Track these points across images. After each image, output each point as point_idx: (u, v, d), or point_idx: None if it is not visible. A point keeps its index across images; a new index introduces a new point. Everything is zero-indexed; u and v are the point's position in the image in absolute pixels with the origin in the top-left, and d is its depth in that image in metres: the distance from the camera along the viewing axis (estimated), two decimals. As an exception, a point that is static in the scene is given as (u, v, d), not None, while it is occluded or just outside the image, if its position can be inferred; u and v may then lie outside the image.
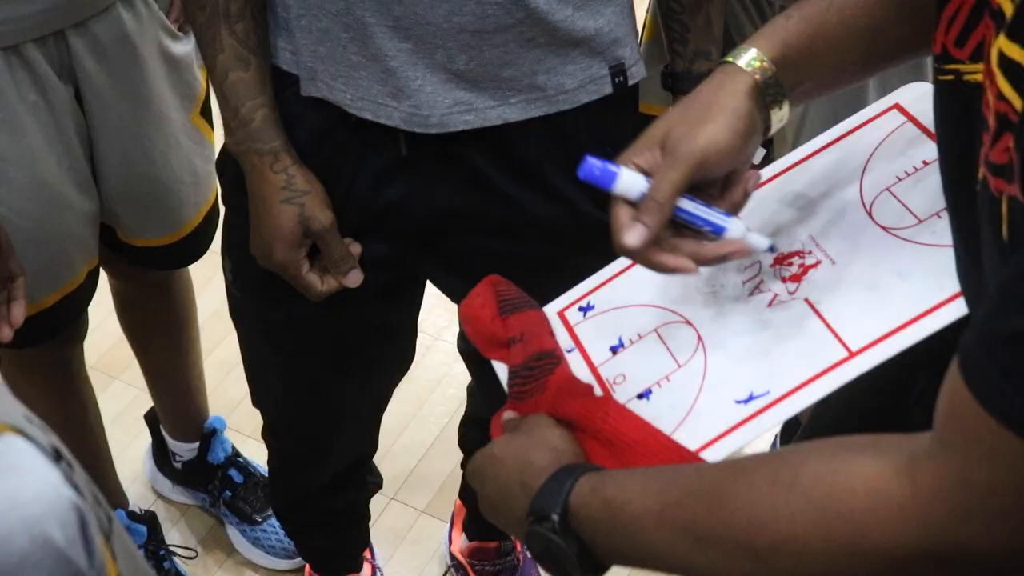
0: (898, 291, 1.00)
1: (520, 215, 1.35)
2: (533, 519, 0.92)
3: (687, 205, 0.99)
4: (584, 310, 1.14)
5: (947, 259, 0.94)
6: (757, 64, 0.99)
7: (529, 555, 2.10)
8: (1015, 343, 0.69)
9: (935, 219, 1.02)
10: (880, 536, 0.75)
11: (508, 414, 1.07)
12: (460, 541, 2.13)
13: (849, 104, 1.25)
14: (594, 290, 1.15)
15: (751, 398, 0.99)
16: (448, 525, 2.19)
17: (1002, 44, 0.75)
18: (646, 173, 0.99)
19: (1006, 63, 0.75)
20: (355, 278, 1.36)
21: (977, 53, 0.82)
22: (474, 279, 1.44)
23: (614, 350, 1.09)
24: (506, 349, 1.10)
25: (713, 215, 0.99)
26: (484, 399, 1.83)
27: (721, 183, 1.01)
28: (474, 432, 1.92)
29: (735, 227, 0.99)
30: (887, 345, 0.97)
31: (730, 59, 1.00)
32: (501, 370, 1.11)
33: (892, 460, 0.77)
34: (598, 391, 1.05)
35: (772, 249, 1.02)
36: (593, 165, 1.01)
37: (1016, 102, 0.74)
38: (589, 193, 1.28)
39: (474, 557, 2.10)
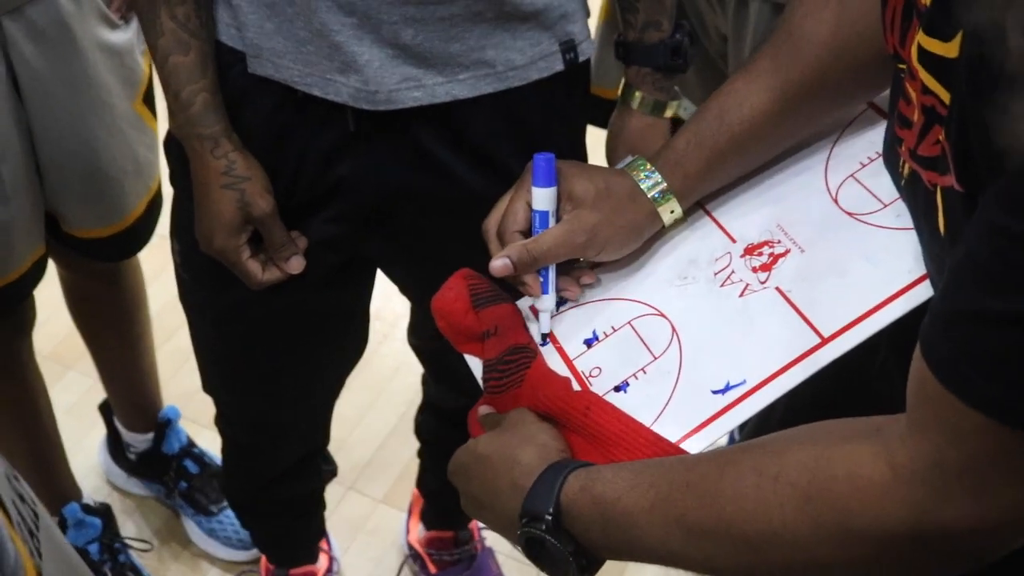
0: (867, 276, 1.01)
1: (468, 194, 1.34)
2: (526, 520, 0.92)
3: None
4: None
5: (912, 241, 0.96)
6: (662, 200, 1.10)
7: (487, 544, 2.09)
8: (969, 323, 0.70)
9: (899, 202, 1.02)
10: (866, 520, 0.78)
11: (484, 409, 1.08)
12: (417, 531, 2.12)
13: None
14: None
15: (728, 388, 1.00)
16: (406, 515, 2.18)
17: (920, 39, 0.76)
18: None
19: (926, 57, 0.76)
20: (296, 264, 1.35)
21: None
22: (421, 262, 1.43)
23: (588, 343, 1.10)
24: (480, 343, 1.10)
25: (550, 280, 1.10)
26: (438, 389, 1.82)
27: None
28: (430, 420, 1.91)
29: (546, 302, 1.11)
30: (859, 330, 0.99)
31: (635, 178, 1.10)
32: (475, 364, 1.11)
33: (871, 444, 0.79)
34: (575, 385, 1.05)
35: (542, 339, 1.12)
36: (547, 161, 1.10)
37: (943, 94, 0.75)
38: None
39: (431, 546, 2.09)
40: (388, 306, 2.48)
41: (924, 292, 0.97)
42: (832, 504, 0.79)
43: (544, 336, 1.11)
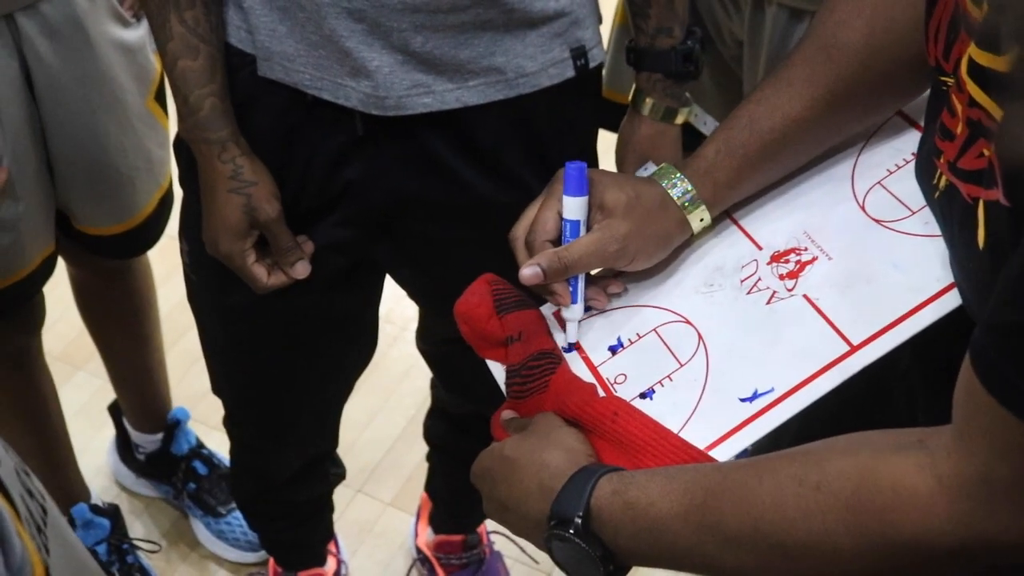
0: (895, 283, 1.00)
1: (476, 200, 1.34)
2: (555, 523, 0.91)
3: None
4: None
5: (941, 248, 0.95)
6: (692, 207, 1.09)
7: (495, 548, 2.09)
8: (1022, 335, 0.69)
9: (927, 210, 1.02)
10: (909, 532, 0.77)
11: (507, 414, 1.07)
12: (426, 534, 2.12)
13: None
14: None
15: (756, 396, 0.99)
16: (414, 518, 2.17)
17: (972, 52, 0.75)
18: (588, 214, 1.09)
19: (976, 70, 0.75)
20: (302, 270, 1.35)
21: (958, 66, 0.82)
22: (429, 267, 1.43)
23: (613, 350, 1.09)
24: (503, 348, 1.10)
25: (579, 290, 1.09)
26: (446, 393, 1.81)
27: None
28: (439, 425, 1.91)
29: (574, 311, 1.10)
30: (888, 338, 0.98)
31: (665, 186, 1.09)
32: (497, 370, 1.11)
33: (915, 456, 0.78)
34: (600, 391, 1.04)
35: (568, 347, 1.11)
36: (579, 170, 1.08)
37: (992, 108, 0.74)
38: (545, 179, 1.28)
39: (440, 550, 2.08)
40: (398, 309, 2.48)
41: (953, 300, 0.96)
42: (875, 515, 0.78)
43: (571, 345, 1.10)
